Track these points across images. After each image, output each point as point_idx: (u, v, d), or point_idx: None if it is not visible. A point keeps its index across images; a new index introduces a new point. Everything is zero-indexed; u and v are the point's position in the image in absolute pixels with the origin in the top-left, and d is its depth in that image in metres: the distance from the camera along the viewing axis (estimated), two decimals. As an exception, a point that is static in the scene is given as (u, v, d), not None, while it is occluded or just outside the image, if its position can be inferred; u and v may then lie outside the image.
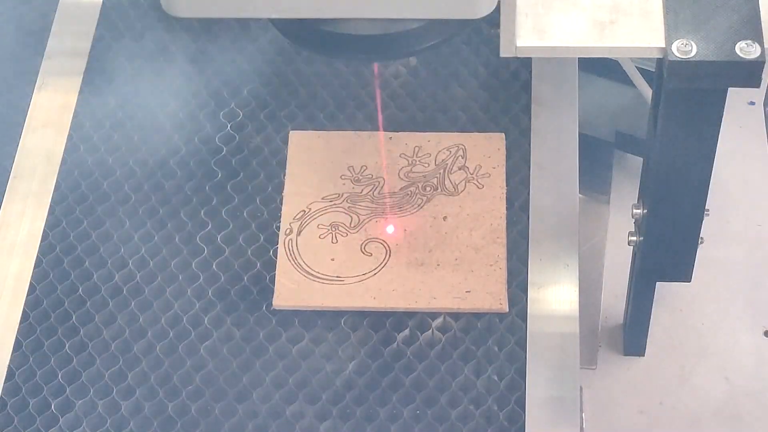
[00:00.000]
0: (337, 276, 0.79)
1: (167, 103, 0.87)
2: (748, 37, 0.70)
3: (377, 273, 0.79)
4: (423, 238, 0.81)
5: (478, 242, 0.80)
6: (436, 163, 0.84)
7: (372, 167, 0.83)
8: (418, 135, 0.85)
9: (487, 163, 0.84)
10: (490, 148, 0.85)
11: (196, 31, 0.91)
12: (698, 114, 0.75)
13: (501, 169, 0.84)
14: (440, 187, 0.83)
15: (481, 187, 0.83)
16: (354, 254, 0.80)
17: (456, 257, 0.80)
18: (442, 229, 0.81)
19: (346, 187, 0.82)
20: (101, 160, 0.85)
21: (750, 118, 1.22)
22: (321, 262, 0.80)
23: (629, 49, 0.71)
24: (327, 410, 0.74)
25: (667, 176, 0.80)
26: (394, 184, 0.83)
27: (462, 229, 0.81)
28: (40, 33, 0.93)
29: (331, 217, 0.81)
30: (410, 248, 0.81)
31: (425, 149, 0.85)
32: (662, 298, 1.06)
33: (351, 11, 0.67)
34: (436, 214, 0.82)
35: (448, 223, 0.81)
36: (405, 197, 0.82)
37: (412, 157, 0.84)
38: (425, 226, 0.81)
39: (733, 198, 1.16)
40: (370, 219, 0.81)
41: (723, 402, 1.05)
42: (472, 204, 0.82)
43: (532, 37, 0.71)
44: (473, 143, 0.85)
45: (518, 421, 0.73)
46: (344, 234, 0.81)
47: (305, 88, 0.87)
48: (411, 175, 0.83)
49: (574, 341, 0.76)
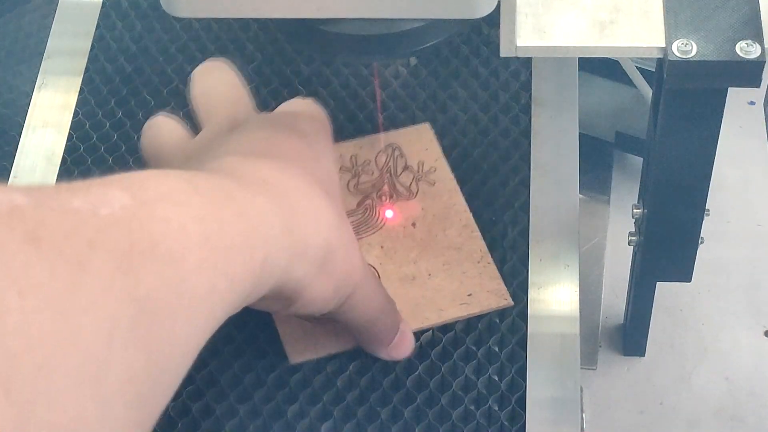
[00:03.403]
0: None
1: (167, 103, 0.87)
2: (748, 36, 0.70)
3: None
4: (403, 250, 0.79)
5: (456, 241, 0.79)
6: (380, 169, 0.82)
7: None
8: (348, 144, 0.82)
9: (427, 157, 0.82)
10: (422, 140, 0.83)
11: (196, 31, 0.91)
12: (698, 114, 0.75)
13: (442, 160, 0.82)
14: (394, 194, 0.81)
15: (432, 184, 0.81)
16: None
17: (443, 262, 0.78)
18: (417, 236, 0.79)
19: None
20: (101, 159, 0.85)
21: (750, 118, 1.22)
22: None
23: (629, 48, 0.71)
24: (328, 410, 0.74)
25: (668, 176, 0.80)
26: (348, 201, 0.80)
27: (435, 231, 0.79)
28: (40, 33, 0.93)
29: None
30: (396, 264, 0.78)
31: (362, 156, 0.82)
32: (662, 298, 1.06)
33: (351, 11, 0.67)
34: (403, 223, 0.80)
35: (420, 229, 0.79)
36: (366, 212, 0.80)
37: (353, 168, 0.82)
38: (399, 237, 0.79)
39: (733, 198, 1.17)
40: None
41: (724, 402, 1.05)
42: (432, 203, 0.80)
43: (532, 37, 0.71)
44: (405, 139, 0.83)
45: (519, 421, 0.73)
46: None
47: (305, 88, 0.87)
48: (361, 188, 0.81)
49: (574, 341, 0.76)
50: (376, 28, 0.69)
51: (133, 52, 0.90)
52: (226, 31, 0.91)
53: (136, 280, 0.49)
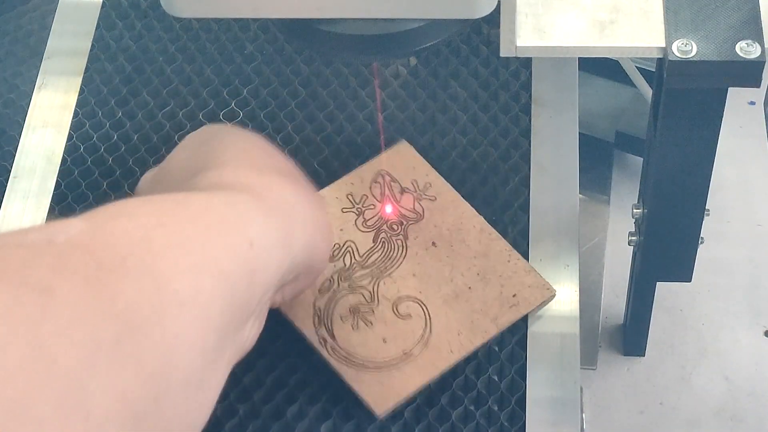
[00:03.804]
0: (403, 352, 0.74)
1: (167, 103, 0.87)
2: (748, 36, 0.70)
3: (431, 325, 0.75)
4: (435, 272, 0.77)
5: (479, 248, 0.78)
6: (378, 199, 0.81)
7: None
8: (338, 184, 0.81)
9: (417, 174, 0.81)
10: (406, 159, 0.82)
11: (195, 31, 0.91)
12: (698, 114, 0.75)
13: (433, 173, 0.81)
14: (404, 220, 0.80)
15: (434, 200, 0.80)
16: (394, 323, 0.76)
17: (476, 272, 0.77)
18: (441, 254, 0.78)
19: (326, 270, 0.76)
20: (101, 159, 0.85)
21: (750, 118, 1.22)
22: (377, 350, 0.75)
23: (629, 48, 0.71)
24: (327, 411, 0.74)
25: (668, 176, 0.80)
26: (362, 239, 0.79)
27: (456, 244, 0.78)
28: (40, 33, 0.93)
29: (344, 304, 0.76)
30: (435, 287, 0.77)
31: (357, 192, 0.81)
32: (662, 298, 1.07)
33: (351, 11, 0.67)
34: (424, 246, 0.79)
35: (441, 247, 0.78)
36: (386, 246, 0.79)
37: (353, 207, 0.80)
38: (426, 260, 0.78)
39: (733, 198, 1.17)
40: (376, 283, 0.77)
41: (723, 402, 1.05)
42: (443, 218, 0.80)
43: (532, 37, 0.71)
44: (390, 163, 0.82)
45: (519, 421, 0.73)
46: (370, 311, 0.76)
47: (305, 88, 0.87)
48: (369, 224, 0.80)
49: (574, 341, 0.76)
50: (376, 28, 0.69)
51: (133, 52, 0.90)
52: (225, 31, 0.91)
53: (111, 297, 0.48)
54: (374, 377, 0.74)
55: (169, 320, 0.50)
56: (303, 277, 0.67)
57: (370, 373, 0.74)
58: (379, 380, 0.73)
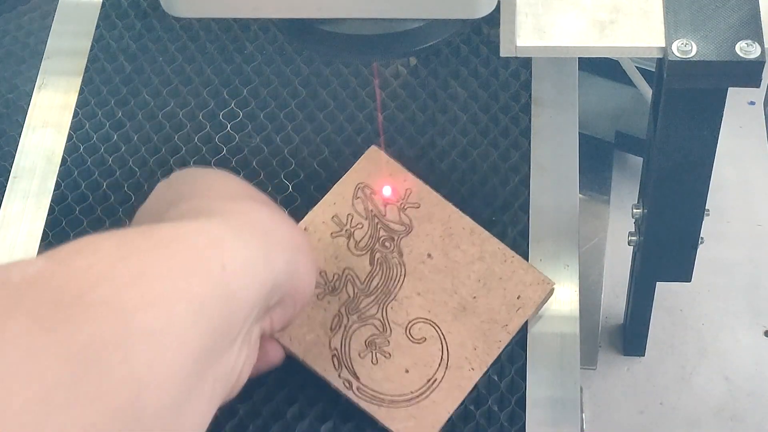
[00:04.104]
0: (428, 380, 0.73)
1: (167, 103, 0.87)
2: (748, 36, 0.70)
3: (447, 344, 0.75)
4: (437, 287, 0.76)
5: (474, 251, 0.77)
6: (364, 216, 0.78)
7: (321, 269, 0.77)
8: (320, 207, 0.78)
9: (395, 180, 0.79)
10: (380, 166, 0.80)
11: (195, 31, 0.91)
12: (698, 114, 0.75)
13: (410, 177, 0.79)
14: (394, 235, 0.78)
15: (417, 206, 0.79)
16: (411, 350, 0.74)
17: (477, 279, 0.77)
18: (439, 265, 0.77)
19: (331, 305, 0.76)
20: (101, 160, 0.85)
21: (750, 118, 1.22)
22: (402, 383, 0.74)
23: (629, 48, 0.71)
24: (327, 412, 0.74)
25: (668, 176, 0.80)
26: (359, 263, 0.77)
27: (451, 252, 0.77)
28: (40, 33, 0.93)
29: (359, 339, 0.75)
30: (441, 302, 0.76)
31: (342, 212, 0.78)
32: (662, 298, 1.06)
33: (351, 11, 0.67)
34: (420, 259, 0.77)
35: (437, 257, 0.77)
36: (383, 267, 0.77)
37: (342, 230, 0.78)
38: (426, 275, 0.77)
39: (733, 198, 1.16)
40: (384, 309, 0.76)
41: (723, 402, 1.05)
42: (431, 225, 0.78)
43: (532, 37, 0.71)
44: (366, 173, 0.79)
45: (519, 421, 0.73)
46: (385, 341, 0.75)
47: (305, 88, 0.87)
48: (361, 245, 0.77)
49: (574, 341, 0.76)
50: (376, 28, 0.69)
51: (133, 52, 0.90)
52: (225, 31, 0.91)
53: (69, 334, 0.47)
54: (406, 413, 0.73)
55: (137, 353, 0.49)
56: (290, 302, 0.65)
57: (402, 410, 0.73)
58: (411, 415, 0.73)
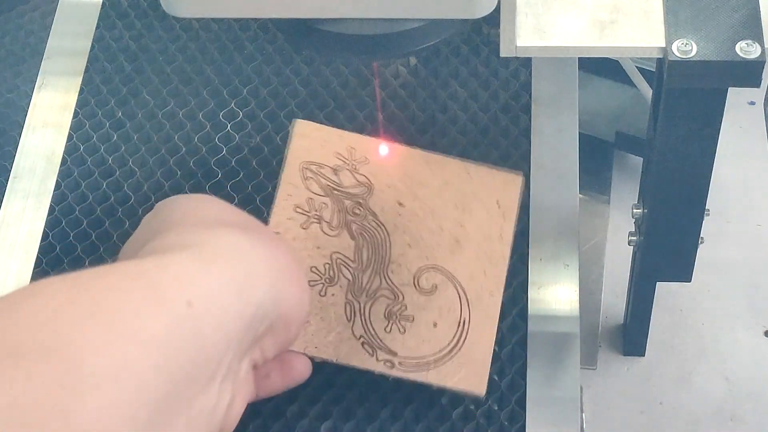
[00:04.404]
0: (458, 324, 0.71)
1: (166, 103, 0.87)
2: (748, 36, 0.70)
3: (459, 281, 0.72)
4: (423, 229, 0.74)
5: (437, 180, 0.74)
6: (323, 193, 0.75)
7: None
8: (279, 206, 0.75)
9: (334, 145, 0.76)
10: (313, 137, 0.76)
11: (195, 31, 0.91)
12: (698, 114, 0.75)
13: (345, 134, 0.76)
14: (359, 199, 0.75)
15: (367, 162, 0.76)
16: (430, 303, 0.72)
17: (454, 204, 0.74)
18: (415, 209, 0.74)
19: (336, 296, 0.73)
20: (101, 160, 0.85)
21: (750, 118, 1.22)
22: (436, 338, 0.72)
23: (629, 48, 0.71)
24: (327, 410, 0.74)
25: (668, 176, 0.80)
26: (344, 244, 0.74)
27: (418, 190, 0.74)
28: (40, 33, 0.93)
29: (378, 315, 0.72)
30: (436, 245, 0.73)
31: (300, 201, 0.75)
32: (662, 298, 1.06)
33: (351, 11, 0.67)
34: (394, 212, 0.74)
35: (409, 203, 0.74)
36: (365, 235, 0.74)
37: (308, 216, 0.75)
38: (408, 225, 0.74)
39: (733, 198, 1.16)
40: (386, 276, 0.73)
41: (723, 402, 1.05)
42: (387, 174, 0.75)
43: (532, 37, 0.71)
44: (304, 150, 0.76)
45: (519, 420, 0.73)
46: (403, 307, 0.73)
47: (305, 88, 0.87)
48: (334, 224, 0.74)
49: (574, 341, 0.76)
50: (376, 28, 0.69)
51: (133, 52, 0.90)
52: (225, 31, 0.91)
53: (6, 385, 0.45)
54: (454, 365, 0.71)
55: (84, 401, 0.47)
56: (281, 328, 0.62)
57: (448, 364, 0.71)
58: (460, 364, 0.72)
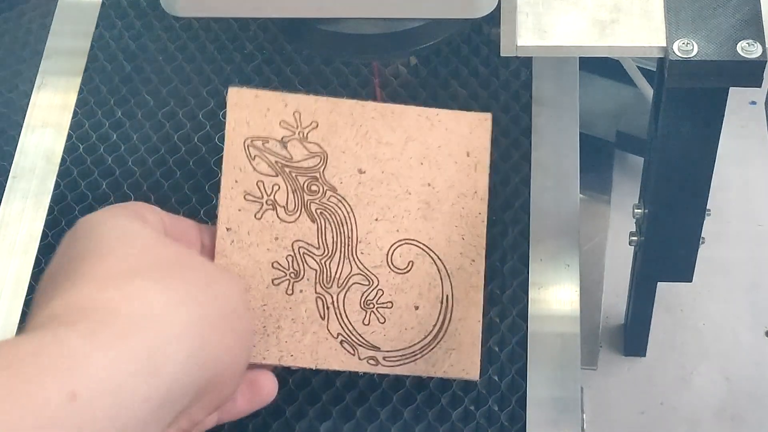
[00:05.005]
0: (440, 302, 0.65)
1: (166, 103, 0.87)
2: (749, 36, 0.70)
3: (435, 252, 0.66)
4: (389, 197, 0.67)
5: (397, 136, 0.68)
6: (273, 173, 0.67)
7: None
8: (227, 195, 0.68)
9: (278, 113, 0.68)
10: (253, 106, 0.68)
11: (195, 31, 0.91)
12: (699, 114, 0.75)
13: (288, 97, 0.69)
14: (313, 173, 0.67)
15: (316, 126, 0.68)
16: (407, 283, 0.66)
17: (419, 162, 0.68)
18: (377, 175, 0.67)
19: (305, 292, 0.66)
20: (100, 159, 0.85)
21: (751, 118, 1.22)
22: (419, 323, 0.66)
23: (630, 48, 0.71)
24: (327, 410, 0.73)
25: (669, 176, 0.80)
26: (305, 230, 0.66)
27: (378, 151, 0.68)
28: (40, 32, 0.93)
29: (353, 307, 0.66)
30: (405, 213, 0.67)
31: (249, 186, 0.67)
32: (663, 299, 1.06)
33: (351, 11, 0.67)
34: (355, 181, 0.66)
35: (371, 168, 0.67)
36: (327, 216, 0.66)
37: (260, 203, 0.67)
38: (372, 195, 0.67)
39: (734, 198, 1.16)
40: (355, 260, 0.67)
41: (724, 402, 1.05)
42: (341, 138, 0.68)
43: (532, 37, 0.71)
44: (245, 122, 0.68)
45: (519, 421, 0.73)
46: (379, 293, 0.67)
47: (305, 87, 0.87)
48: (291, 208, 0.67)
49: (575, 341, 0.76)
50: (376, 27, 0.69)
51: (133, 52, 0.90)
52: (225, 31, 0.90)
53: None
54: (442, 350, 0.65)
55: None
56: (214, 392, 0.57)
57: (436, 350, 0.65)
58: (448, 349, 0.65)
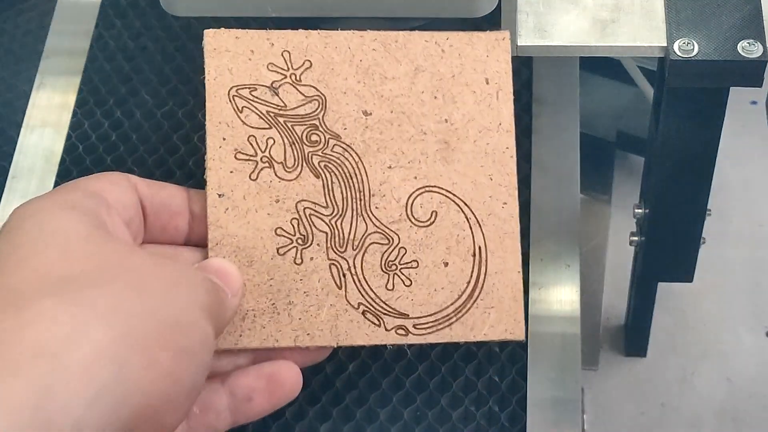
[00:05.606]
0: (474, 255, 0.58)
1: (166, 103, 0.87)
2: (750, 36, 0.70)
3: (461, 197, 0.59)
4: (403, 140, 0.60)
5: (405, 67, 0.62)
6: (267, 125, 0.60)
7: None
8: (214, 158, 0.62)
9: (265, 54, 0.62)
10: (234, 49, 0.63)
11: (194, 30, 0.91)
12: (700, 113, 0.75)
13: (274, 34, 0.62)
14: (312, 120, 0.60)
15: (309, 65, 0.61)
16: (432, 236, 0.59)
17: (433, 95, 0.61)
18: (385, 115, 0.60)
19: (317, 260, 0.59)
20: (100, 159, 0.85)
21: (752, 117, 1.22)
22: (450, 281, 0.60)
23: (630, 48, 0.71)
24: (327, 411, 0.73)
25: (669, 176, 0.80)
26: (309, 188, 0.59)
27: (384, 88, 0.61)
28: (39, 32, 0.93)
29: (373, 272, 0.59)
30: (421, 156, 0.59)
31: (240, 142, 0.61)
32: (664, 299, 1.06)
33: (351, 11, 0.67)
34: (361, 125, 0.60)
35: (377, 107, 0.60)
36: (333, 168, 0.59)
37: (254, 162, 0.60)
38: (382, 139, 0.60)
39: (735, 198, 1.16)
40: (370, 216, 0.59)
41: (725, 403, 1.05)
42: (340, 77, 0.61)
43: (533, 37, 0.71)
44: (224, 73, 0.63)
45: (519, 421, 0.73)
46: (401, 251, 0.59)
47: (305, 87, 0.87)
48: (290, 163, 0.60)
49: (575, 342, 0.76)
50: (376, 27, 0.69)
51: (132, 51, 0.90)
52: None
53: None
54: (480, 310, 0.59)
55: None
56: (146, 427, 0.49)
57: (473, 311, 0.59)
58: (486, 307, 0.59)
